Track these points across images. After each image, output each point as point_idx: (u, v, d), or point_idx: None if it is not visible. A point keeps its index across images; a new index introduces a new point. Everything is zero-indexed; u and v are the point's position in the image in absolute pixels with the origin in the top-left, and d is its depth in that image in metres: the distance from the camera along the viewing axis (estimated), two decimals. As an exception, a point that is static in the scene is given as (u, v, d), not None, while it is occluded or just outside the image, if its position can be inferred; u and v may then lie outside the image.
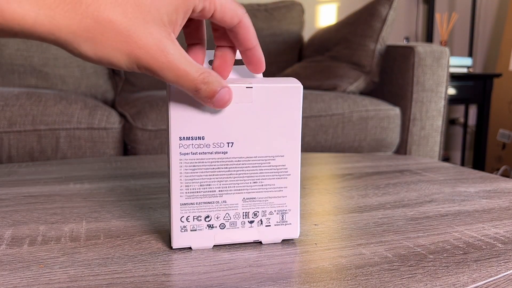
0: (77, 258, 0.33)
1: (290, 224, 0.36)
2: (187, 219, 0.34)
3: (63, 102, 1.09)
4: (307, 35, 1.99)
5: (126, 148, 1.14)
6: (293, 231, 0.36)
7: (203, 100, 0.31)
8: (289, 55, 1.84)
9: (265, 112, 0.34)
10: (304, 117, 1.24)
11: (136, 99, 1.27)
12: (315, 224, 0.41)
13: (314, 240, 0.37)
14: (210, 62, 0.36)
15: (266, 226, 0.35)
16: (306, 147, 1.26)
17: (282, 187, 0.35)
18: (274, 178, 0.35)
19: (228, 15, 0.31)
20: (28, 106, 1.05)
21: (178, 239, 0.34)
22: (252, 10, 1.84)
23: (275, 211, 0.35)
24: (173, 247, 0.34)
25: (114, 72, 1.69)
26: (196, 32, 0.35)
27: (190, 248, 0.35)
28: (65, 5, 0.26)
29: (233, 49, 0.35)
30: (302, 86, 0.35)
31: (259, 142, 0.34)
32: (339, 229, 0.40)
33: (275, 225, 0.35)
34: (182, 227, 0.34)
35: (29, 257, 0.33)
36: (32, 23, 0.26)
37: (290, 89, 0.34)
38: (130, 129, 1.12)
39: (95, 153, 1.08)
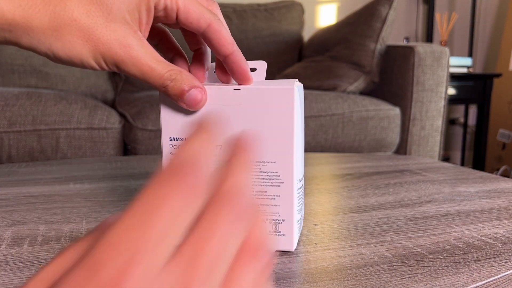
0: (77, 258, 0.33)
1: (284, 235, 0.34)
2: None
3: (63, 102, 1.09)
4: (307, 35, 1.99)
5: (126, 148, 1.14)
6: (288, 243, 0.34)
7: (173, 98, 0.31)
8: (289, 55, 1.84)
9: (254, 115, 0.32)
10: (304, 117, 1.24)
11: (136, 99, 1.27)
12: (315, 224, 0.41)
13: (314, 240, 0.37)
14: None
15: None
16: (306, 147, 1.26)
17: (274, 195, 0.33)
18: (265, 185, 0.33)
19: (194, 17, 0.31)
20: (28, 106, 1.05)
21: None
22: (252, 10, 1.84)
23: (267, 219, 0.34)
24: None
25: (114, 72, 1.69)
26: (193, 37, 0.35)
27: None
28: (36, 7, 0.28)
29: (205, 49, 0.36)
30: (295, 89, 0.32)
31: None
32: (339, 229, 0.40)
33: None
34: None
35: (29, 257, 0.33)
36: (11, 20, 0.27)
37: (281, 92, 0.32)
38: (130, 129, 1.12)
39: (95, 153, 1.08)
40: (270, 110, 0.32)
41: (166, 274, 0.11)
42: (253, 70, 0.35)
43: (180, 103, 0.31)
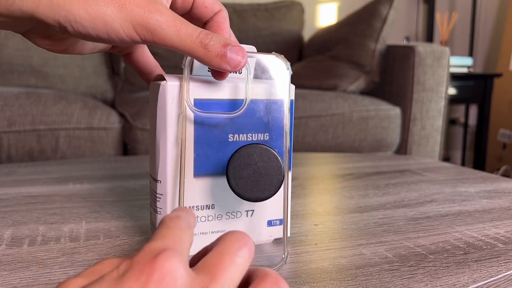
0: (76, 258, 0.33)
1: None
2: None
3: (62, 102, 1.09)
4: (307, 34, 1.99)
5: (126, 148, 1.14)
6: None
7: (213, 61, 0.27)
8: (289, 54, 1.84)
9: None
10: (304, 117, 1.24)
11: (135, 99, 1.27)
12: (315, 224, 0.41)
13: (314, 240, 0.37)
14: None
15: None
16: (306, 147, 1.26)
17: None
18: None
19: (209, 1, 0.31)
20: (27, 106, 1.05)
21: None
22: (252, 10, 1.84)
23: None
24: None
25: (113, 72, 1.69)
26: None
27: None
28: None
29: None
30: (168, 84, 0.30)
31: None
32: (339, 229, 0.40)
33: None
34: None
35: (28, 257, 0.33)
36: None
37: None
38: (129, 129, 1.12)
39: (94, 153, 1.08)
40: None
41: None
42: None
43: (221, 65, 0.27)
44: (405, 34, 2.44)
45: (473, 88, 1.93)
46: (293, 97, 0.34)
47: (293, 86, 0.35)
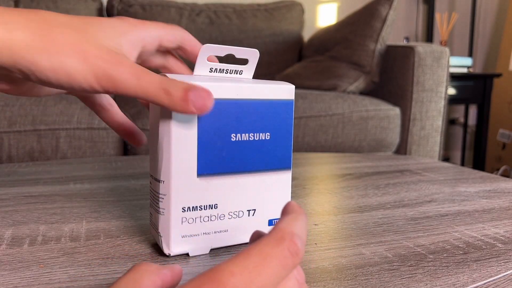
0: (77, 258, 0.33)
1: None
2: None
3: (63, 102, 1.09)
4: (307, 35, 1.99)
5: (126, 148, 1.14)
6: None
7: (178, 105, 0.27)
8: (289, 55, 1.84)
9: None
10: (304, 117, 1.24)
11: (135, 99, 1.27)
12: (315, 224, 0.41)
13: (314, 240, 0.37)
14: None
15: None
16: (306, 147, 1.26)
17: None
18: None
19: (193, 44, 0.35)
20: (28, 106, 1.05)
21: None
22: (252, 10, 1.84)
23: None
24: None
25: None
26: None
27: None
28: (18, 24, 0.25)
29: (172, 54, 0.36)
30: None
31: None
32: (339, 229, 0.40)
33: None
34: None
35: (29, 257, 0.33)
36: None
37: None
38: (130, 129, 1.12)
39: (95, 153, 1.08)
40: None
41: None
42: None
43: (186, 109, 0.27)
44: (405, 34, 2.44)
45: (473, 88, 1.93)
46: (292, 97, 0.35)
47: (292, 86, 0.35)
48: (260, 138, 0.33)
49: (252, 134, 0.33)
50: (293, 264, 0.18)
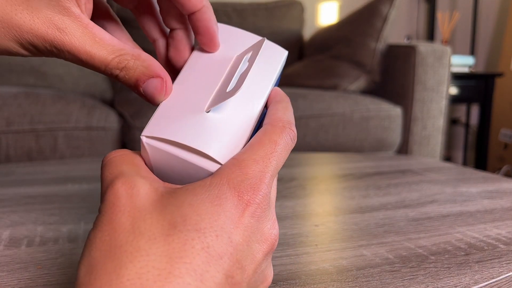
0: (75, 259, 0.33)
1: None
2: None
3: (61, 101, 1.09)
4: (308, 34, 1.99)
5: (125, 147, 1.14)
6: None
7: (131, 88, 0.25)
8: (290, 54, 1.84)
9: None
10: (304, 117, 1.24)
11: (135, 98, 1.26)
12: (316, 225, 0.41)
13: (315, 241, 0.37)
14: None
15: None
16: (307, 147, 1.26)
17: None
18: None
19: None
20: (26, 106, 1.05)
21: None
22: (252, 9, 1.83)
23: None
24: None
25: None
26: (168, 13, 0.28)
27: None
28: None
29: (186, 31, 0.29)
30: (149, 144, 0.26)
31: None
32: (340, 230, 0.40)
33: None
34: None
35: (27, 258, 0.33)
36: None
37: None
38: (129, 129, 1.12)
39: (93, 153, 1.08)
40: None
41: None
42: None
43: (140, 95, 0.25)
44: (406, 33, 2.43)
45: (475, 88, 1.92)
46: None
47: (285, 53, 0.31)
48: None
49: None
50: (292, 147, 0.23)
